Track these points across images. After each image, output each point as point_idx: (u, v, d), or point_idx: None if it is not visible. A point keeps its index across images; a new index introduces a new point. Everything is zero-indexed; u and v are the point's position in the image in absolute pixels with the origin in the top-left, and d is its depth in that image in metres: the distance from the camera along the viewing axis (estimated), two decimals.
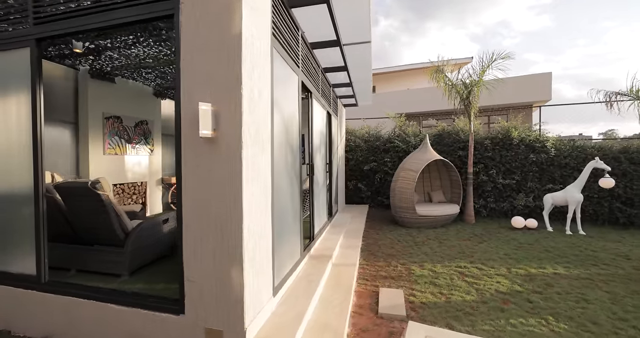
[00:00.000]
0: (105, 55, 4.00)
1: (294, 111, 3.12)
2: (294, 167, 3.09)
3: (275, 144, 2.50)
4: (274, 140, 2.43)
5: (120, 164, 5.30)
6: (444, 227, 6.50)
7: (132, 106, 5.48)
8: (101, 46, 3.62)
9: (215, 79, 1.91)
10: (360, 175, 9.00)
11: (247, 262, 1.95)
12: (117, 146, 5.14)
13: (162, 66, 4.51)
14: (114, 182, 5.08)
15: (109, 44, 3.60)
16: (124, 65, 4.56)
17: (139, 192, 5.65)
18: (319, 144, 4.60)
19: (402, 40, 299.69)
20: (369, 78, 5.72)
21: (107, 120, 4.91)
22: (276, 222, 2.51)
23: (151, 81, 5.37)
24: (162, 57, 4.02)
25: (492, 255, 4.57)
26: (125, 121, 5.37)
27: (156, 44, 3.62)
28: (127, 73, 4.93)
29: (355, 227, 5.81)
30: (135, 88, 5.52)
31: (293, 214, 3.08)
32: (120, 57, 4.07)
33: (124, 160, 5.37)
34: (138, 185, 5.64)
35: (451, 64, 7.45)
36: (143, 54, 3.95)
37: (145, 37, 3.43)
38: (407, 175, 6.47)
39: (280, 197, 2.68)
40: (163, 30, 3.26)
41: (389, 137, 8.83)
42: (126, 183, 5.45)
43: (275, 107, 2.53)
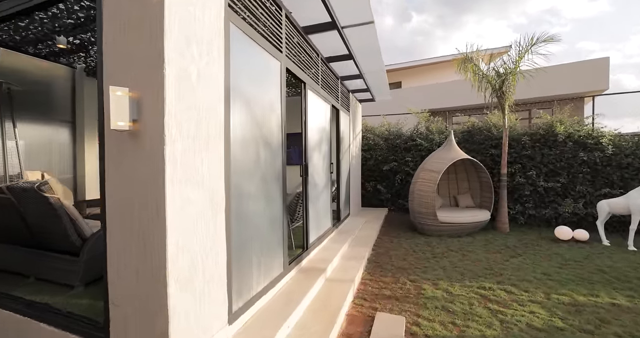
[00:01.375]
0: (94, 51, 3.89)
1: (273, 102, 2.69)
2: (272, 168, 2.66)
3: (235, 140, 2.08)
4: (231, 135, 2.01)
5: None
6: (471, 235, 5.68)
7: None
8: (86, 41, 3.49)
9: (137, 59, 1.54)
10: (380, 175, 8.35)
11: (176, 286, 1.55)
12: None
13: None
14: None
15: (92, 39, 3.44)
16: None
17: None
18: (319, 141, 4.12)
19: (436, 34, 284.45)
20: (381, 68, 5.12)
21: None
22: (237, 234, 2.09)
23: None
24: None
25: (526, 274, 3.77)
26: None
27: None
28: None
29: (366, 234, 5.23)
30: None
31: (271, 222, 2.64)
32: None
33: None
34: None
35: (484, 54, 6.53)
36: None
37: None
38: (428, 177, 5.75)
39: (247, 204, 2.25)
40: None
41: (411, 135, 8.08)
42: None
43: (237, 96, 2.11)
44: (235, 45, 2.07)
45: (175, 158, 1.55)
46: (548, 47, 5.76)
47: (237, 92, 2.12)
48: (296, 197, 3.58)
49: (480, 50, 6.38)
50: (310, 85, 3.70)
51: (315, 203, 3.94)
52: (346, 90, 6.02)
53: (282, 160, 2.83)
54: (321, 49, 4.08)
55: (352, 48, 4.17)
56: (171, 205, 1.51)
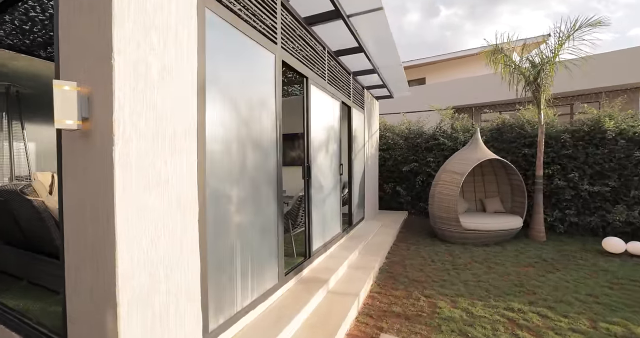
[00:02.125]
0: None
1: (266, 98, 2.46)
2: (264, 170, 2.43)
3: (214, 139, 1.88)
4: (208, 134, 1.81)
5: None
6: (500, 245, 5.11)
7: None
8: None
9: (90, 47, 1.37)
10: (399, 177, 7.89)
11: (129, 306, 1.36)
12: None
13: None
14: None
15: None
16: None
17: None
18: (325, 140, 3.85)
19: (466, 28, 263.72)
20: (397, 62, 4.74)
21: None
22: (216, 242, 1.88)
23: None
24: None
25: (566, 294, 3.24)
26: None
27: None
28: None
29: (380, 240, 4.87)
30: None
31: (262, 229, 2.42)
32: None
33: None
34: None
35: (516, 44, 5.86)
36: None
37: None
38: (450, 179, 5.27)
39: (230, 209, 2.04)
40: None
41: (433, 133, 7.54)
42: None
43: (216, 91, 1.91)
44: (213, 35, 1.86)
45: (129, 161, 1.36)
46: (594, 32, 5.05)
47: (216, 87, 1.91)
48: (298, 201, 3.34)
49: (512, 40, 5.74)
50: (314, 80, 3.44)
51: (320, 207, 3.67)
52: (360, 86, 5.68)
53: (276, 161, 2.60)
54: (328, 41, 3.80)
55: (362, 40, 3.85)
56: (123, 214, 1.33)
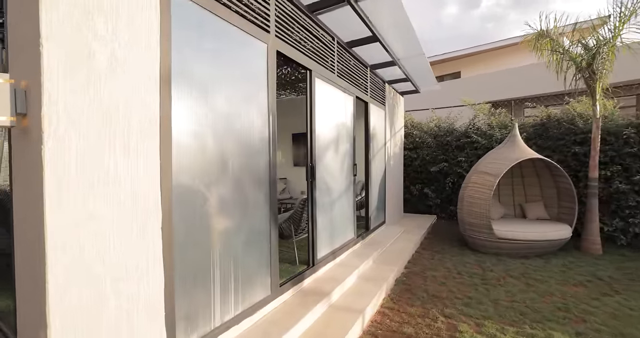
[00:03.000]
0: None
1: (255, 92, 2.24)
2: (251, 170, 2.21)
3: (185, 137, 1.69)
4: (174, 132, 1.62)
5: None
6: (543, 257, 4.43)
7: None
8: None
9: (19, 35, 1.23)
10: (427, 178, 7.32)
11: (64, 329, 1.20)
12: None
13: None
14: None
15: None
16: None
17: None
18: (334, 138, 3.55)
19: (509, 18, 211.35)
20: (418, 52, 4.29)
21: None
22: (186, 251, 1.69)
23: None
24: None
25: (629, 325, 2.63)
26: None
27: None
28: None
29: (401, 247, 4.45)
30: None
31: (250, 234, 2.20)
32: None
33: None
34: None
35: (564, 29, 5.05)
36: None
37: None
38: (481, 181, 4.68)
39: (206, 213, 1.85)
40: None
41: (466, 131, 6.86)
42: None
43: (187, 84, 1.71)
44: (181, 21, 1.67)
45: (67, 161, 1.20)
46: None
47: (188, 79, 1.72)
48: (301, 204, 3.09)
49: (559, 25, 4.95)
50: (320, 73, 3.16)
51: (328, 211, 3.38)
52: (380, 80, 5.28)
53: (269, 161, 2.36)
54: (338, 31, 3.49)
55: (376, 27, 3.49)
56: (55, 222, 1.17)
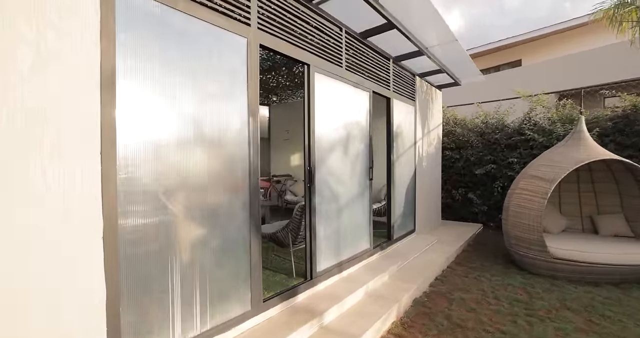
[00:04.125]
0: None
1: (231, 90, 2.06)
2: (223, 174, 2.03)
3: (136, 141, 1.57)
4: (118, 136, 1.50)
5: None
6: (620, 287, 3.48)
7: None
8: None
9: None
10: (472, 181, 6.48)
11: None
12: None
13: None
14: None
15: None
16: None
17: None
18: (343, 138, 3.22)
19: None
20: (450, 38, 3.72)
21: None
22: (135, 266, 1.57)
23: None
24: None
25: None
26: None
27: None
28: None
29: (427, 261, 3.92)
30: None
31: (223, 245, 2.02)
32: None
33: None
34: None
35: None
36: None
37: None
38: (531, 187, 3.90)
39: (164, 223, 1.71)
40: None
41: (520, 127, 5.89)
42: None
43: (142, 84, 1.59)
44: (130, 15, 1.55)
45: None
46: None
47: (140, 79, 1.60)
48: (299, 211, 2.83)
49: None
50: (322, 67, 2.87)
51: (333, 218, 3.07)
52: (408, 73, 4.75)
53: (248, 166, 2.16)
54: (348, 21, 3.17)
55: (392, 13, 3.08)
56: None
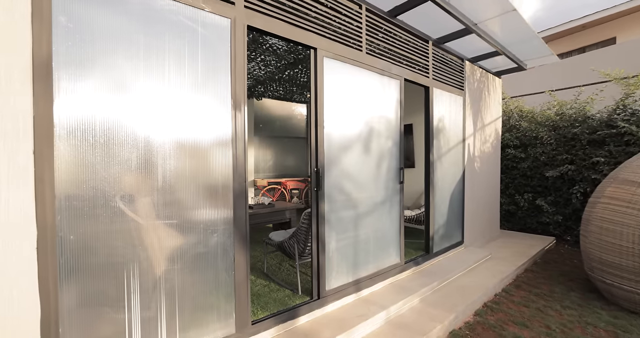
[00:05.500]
0: None
1: (213, 79, 1.80)
2: (201, 179, 1.78)
3: (80, 138, 1.39)
4: (57, 131, 1.34)
5: None
6: None
7: None
8: None
9: None
10: (541, 185, 5.36)
11: None
12: None
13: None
14: None
15: None
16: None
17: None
18: (364, 134, 2.77)
19: None
20: (505, 8, 2.98)
21: None
22: (80, 279, 1.40)
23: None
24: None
25: None
26: None
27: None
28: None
29: (474, 282, 3.21)
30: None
31: (197, 255, 1.78)
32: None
33: None
34: None
35: None
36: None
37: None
38: (625, 196, 2.93)
39: (120, 230, 1.52)
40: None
41: (608, 117, 4.62)
42: None
43: (92, 73, 1.41)
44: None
45: None
46: None
47: (91, 67, 1.41)
48: (305, 219, 2.46)
49: None
50: (334, 51, 2.47)
51: (349, 228, 2.64)
52: (455, 57, 4.02)
53: (233, 165, 1.88)
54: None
55: None
56: None
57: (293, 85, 5.49)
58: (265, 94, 6.19)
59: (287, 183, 6.50)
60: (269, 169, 6.81)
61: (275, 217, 4.13)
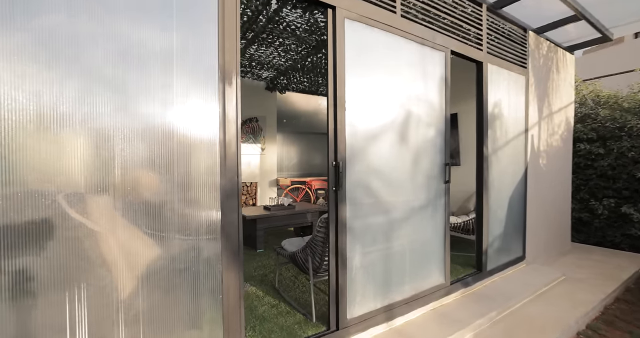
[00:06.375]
0: None
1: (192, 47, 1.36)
2: (179, 175, 1.35)
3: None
4: None
5: None
6: None
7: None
8: None
9: None
10: (628, 188, 4.27)
11: None
12: None
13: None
14: None
15: None
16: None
17: (249, 193, 5.60)
18: (397, 122, 2.18)
19: None
20: None
21: None
22: None
23: (262, 76, 5.24)
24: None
25: None
26: None
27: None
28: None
29: (545, 313, 2.44)
30: (244, 85, 5.47)
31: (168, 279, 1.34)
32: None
33: None
34: (247, 185, 5.60)
35: None
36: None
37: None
38: None
39: (71, 244, 1.13)
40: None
41: None
42: None
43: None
44: None
45: None
46: None
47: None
48: (323, 226, 1.94)
49: None
50: (357, 11, 1.92)
51: (379, 238, 2.07)
52: (517, 27, 3.22)
53: (222, 159, 1.43)
54: None
55: None
56: None
57: (318, 75, 5.00)
58: (289, 86, 5.80)
59: (312, 182, 6.04)
60: (292, 168, 6.41)
61: (295, 220, 3.68)
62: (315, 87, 5.95)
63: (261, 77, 5.40)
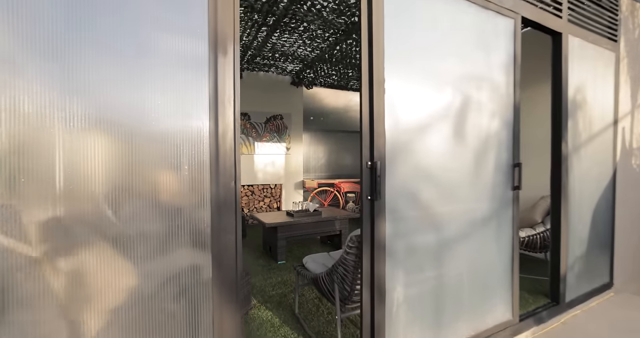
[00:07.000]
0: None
1: (171, 14, 0.97)
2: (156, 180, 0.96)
3: None
4: None
5: (249, 163, 5.09)
6: None
7: (262, 100, 5.10)
8: None
9: None
10: None
11: None
12: (243, 145, 4.99)
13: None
14: (243, 183, 4.98)
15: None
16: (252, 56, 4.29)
17: (273, 195, 5.22)
18: (452, 109, 1.65)
19: None
20: None
21: None
22: None
23: (286, 70, 4.89)
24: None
25: None
26: (253, 117, 5.10)
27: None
28: (256, 65, 4.69)
29: None
30: (267, 80, 5.14)
31: (147, 318, 0.96)
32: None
33: (252, 159, 5.12)
34: (271, 187, 5.23)
35: None
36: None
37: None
38: None
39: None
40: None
41: None
42: (256, 185, 5.15)
43: None
44: None
45: None
46: None
47: None
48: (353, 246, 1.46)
49: None
50: None
51: (426, 263, 1.56)
52: None
53: (214, 157, 1.03)
54: None
55: None
56: None
57: (347, 66, 4.52)
58: (316, 80, 5.37)
59: (341, 185, 5.55)
60: (320, 169, 5.96)
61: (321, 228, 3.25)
62: (345, 81, 5.47)
63: (286, 71, 5.03)
